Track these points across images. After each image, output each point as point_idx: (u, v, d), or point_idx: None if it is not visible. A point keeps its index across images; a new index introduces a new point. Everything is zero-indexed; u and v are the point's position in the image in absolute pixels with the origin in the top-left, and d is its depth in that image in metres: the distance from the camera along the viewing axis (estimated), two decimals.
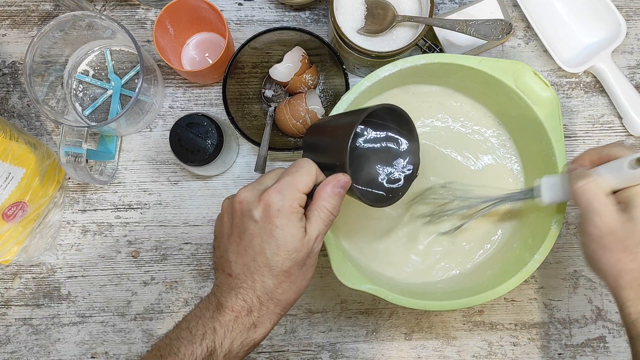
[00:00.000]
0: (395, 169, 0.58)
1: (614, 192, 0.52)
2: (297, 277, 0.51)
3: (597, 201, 0.51)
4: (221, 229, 0.53)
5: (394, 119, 0.56)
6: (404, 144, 0.58)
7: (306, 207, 0.51)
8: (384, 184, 0.57)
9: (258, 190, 0.51)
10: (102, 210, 0.77)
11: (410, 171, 0.58)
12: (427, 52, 0.71)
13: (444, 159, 0.70)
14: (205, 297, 0.53)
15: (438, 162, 0.70)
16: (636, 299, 0.50)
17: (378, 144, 0.58)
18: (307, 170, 0.50)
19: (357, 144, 0.57)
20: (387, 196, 0.57)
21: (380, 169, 0.58)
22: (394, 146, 0.58)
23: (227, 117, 0.70)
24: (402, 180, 0.58)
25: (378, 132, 0.58)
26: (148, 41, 0.78)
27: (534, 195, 0.60)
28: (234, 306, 0.49)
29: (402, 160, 0.58)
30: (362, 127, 0.57)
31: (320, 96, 0.76)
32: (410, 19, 0.68)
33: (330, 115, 0.62)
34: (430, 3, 0.67)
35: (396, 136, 0.58)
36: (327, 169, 0.52)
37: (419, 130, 0.58)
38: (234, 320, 0.49)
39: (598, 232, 0.51)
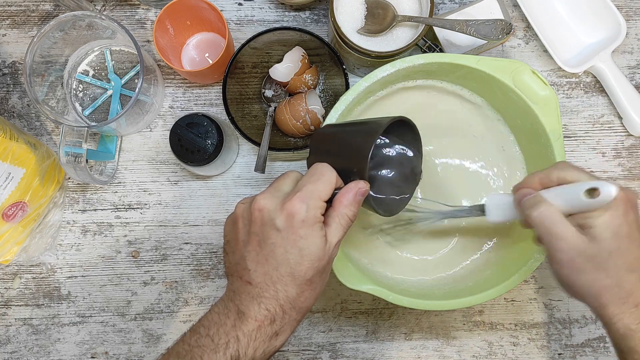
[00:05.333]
0: (400, 178, 0.59)
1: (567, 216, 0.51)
2: (317, 284, 0.51)
3: (557, 226, 0.50)
4: (235, 235, 0.52)
5: (400, 128, 0.57)
6: (410, 154, 0.59)
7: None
8: (391, 192, 0.58)
9: (278, 198, 0.50)
10: (102, 210, 0.77)
11: (414, 180, 0.59)
12: (427, 52, 0.71)
13: (442, 160, 0.70)
14: (221, 301, 0.52)
15: (434, 164, 0.70)
16: (621, 314, 0.50)
17: (386, 153, 0.58)
18: (328, 179, 0.50)
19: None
20: (394, 205, 0.58)
21: (388, 178, 0.58)
22: (400, 155, 0.59)
23: (227, 117, 0.70)
24: (406, 189, 0.59)
25: (387, 142, 0.59)
26: (148, 41, 0.78)
27: (480, 213, 0.60)
28: (257, 316, 0.49)
29: (406, 170, 0.59)
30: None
31: (320, 96, 0.76)
32: (410, 19, 0.68)
33: (340, 122, 0.63)
34: (430, 3, 0.67)
35: (403, 146, 0.59)
36: (340, 175, 0.52)
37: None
38: (257, 330, 0.49)
39: (567, 256, 0.50)
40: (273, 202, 0.49)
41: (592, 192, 0.48)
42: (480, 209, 0.60)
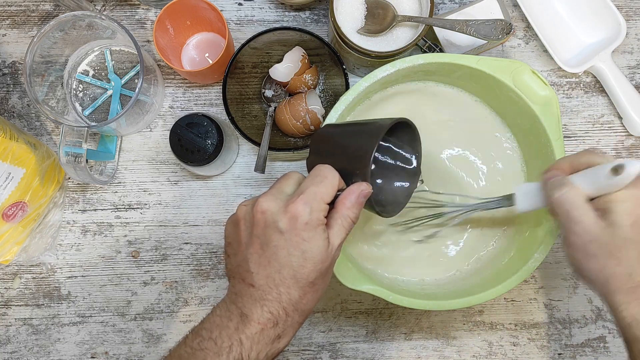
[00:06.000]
0: (401, 179, 0.59)
1: (591, 199, 0.52)
2: (319, 286, 0.51)
3: (576, 209, 0.51)
4: (237, 237, 0.52)
5: (400, 129, 0.57)
6: (409, 155, 0.59)
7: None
8: (391, 193, 0.58)
9: (280, 201, 0.49)
10: (102, 210, 0.77)
11: (414, 181, 0.59)
12: (427, 52, 0.71)
13: (444, 159, 0.70)
14: (222, 303, 0.51)
15: (438, 163, 0.70)
16: (628, 303, 0.50)
17: (387, 154, 0.58)
18: (331, 182, 0.50)
19: None
20: (394, 206, 0.58)
21: (389, 179, 0.58)
22: (400, 157, 0.59)
23: (227, 117, 0.70)
24: (406, 190, 0.59)
25: (388, 143, 0.59)
26: (148, 41, 0.78)
27: (509, 203, 0.60)
28: (260, 318, 0.49)
29: (406, 171, 0.59)
30: None
31: (320, 96, 0.76)
32: (410, 19, 0.68)
33: (340, 122, 0.63)
34: (430, 3, 0.67)
35: (403, 147, 0.59)
36: (341, 175, 0.52)
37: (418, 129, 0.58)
38: (260, 333, 0.49)
39: (581, 240, 0.51)
40: (276, 205, 0.49)
41: (617, 170, 0.48)
42: (509, 199, 0.60)
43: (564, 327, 0.76)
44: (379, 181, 0.58)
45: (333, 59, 0.71)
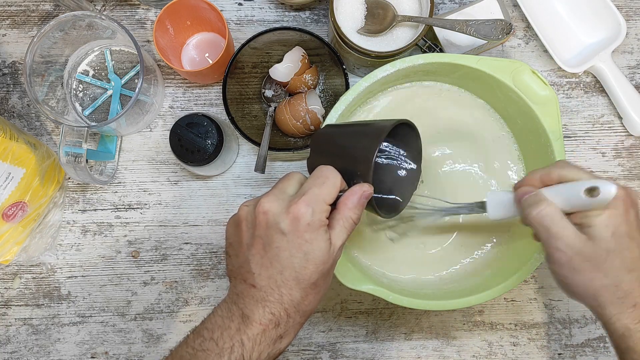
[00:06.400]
0: (401, 179, 0.59)
1: (567, 214, 0.51)
2: (321, 287, 0.51)
3: (555, 226, 0.50)
4: (238, 237, 0.51)
5: (401, 130, 0.57)
6: (410, 156, 0.59)
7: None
8: (392, 194, 0.58)
9: (283, 201, 0.49)
10: (102, 210, 0.77)
11: (414, 182, 0.59)
12: (427, 52, 0.71)
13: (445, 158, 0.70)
14: (224, 304, 0.51)
15: (438, 163, 0.70)
16: (619, 314, 0.50)
17: (387, 155, 0.58)
18: (333, 183, 0.50)
19: None
20: (394, 206, 0.58)
21: (389, 180, 0.58)
22: (400, 157, 0.59)
23: (227, 117, 0.70)
24: (407, 190, 0.59)
25: (389, 144, 0.59)
26: (148, 41, 0.78)
27: (481, 210, 0.59)
28: (261, 319, 0.49)
29: (406, 171, 0.59)
30: None
31: (320, 96, 0.76)
32: (410, 19, 0.68)
33: (341, 122, 0.63)
34: (430, 3, 0.67)
35: (403, 148, 0.59)
36: (342, 175, 0.52)
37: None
38: (262, 334, 0.49)
39: (565, 256, 0.50)
40: (278, 205, 0.49)
41: (592, 191, 0.48)
42: (481, 206, 0.59)
43: (564, 327, 0.76)
44: (380, 181, 0.58)
45: (333, 59, 0.71)
